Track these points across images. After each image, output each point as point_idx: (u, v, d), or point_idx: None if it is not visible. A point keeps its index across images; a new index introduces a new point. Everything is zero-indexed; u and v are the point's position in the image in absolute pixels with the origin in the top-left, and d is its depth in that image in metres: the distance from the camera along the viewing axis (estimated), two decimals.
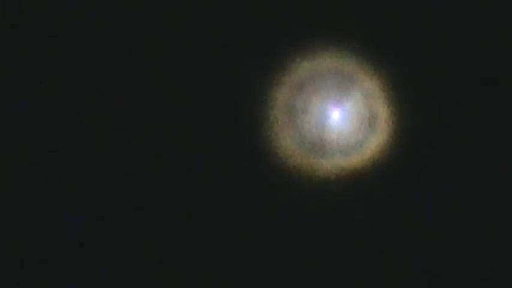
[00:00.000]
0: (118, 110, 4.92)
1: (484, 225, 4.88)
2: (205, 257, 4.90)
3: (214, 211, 4.91)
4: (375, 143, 4.87)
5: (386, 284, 4.85)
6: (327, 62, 4.85)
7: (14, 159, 4.88)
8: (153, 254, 4.90)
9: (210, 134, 4.90)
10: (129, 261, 4.89)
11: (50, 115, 4.92)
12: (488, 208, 4.88)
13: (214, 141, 4.90)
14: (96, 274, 4.86)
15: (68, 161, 4.90)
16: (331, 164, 4.88)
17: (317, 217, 4.89)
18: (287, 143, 4.86)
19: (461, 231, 4.88)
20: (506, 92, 4.88)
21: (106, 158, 4.92)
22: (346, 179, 4.86)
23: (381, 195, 4.87)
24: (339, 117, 4.82)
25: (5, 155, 4.88)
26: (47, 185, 4.88)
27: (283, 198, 4.88)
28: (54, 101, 4.93)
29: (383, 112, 4.88)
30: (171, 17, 4.94)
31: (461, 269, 4.86)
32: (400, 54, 4.83)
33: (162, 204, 4.92)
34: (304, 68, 4.87)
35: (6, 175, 4.87)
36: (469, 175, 4.88)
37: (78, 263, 4.86)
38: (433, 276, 4.86)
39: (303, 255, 4.90)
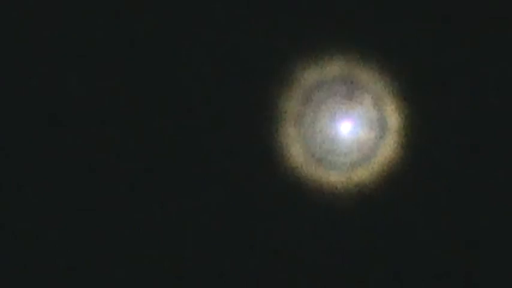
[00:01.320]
0: (124, 113, 4.92)
1: (497, 231, 4.87)
2: (208, 262, 4.91)
3: (221, 220, 4.91)
4: (384, 152, 4.85)
5: None
6: (335, 70, 4.84)
7: (13, 159, 4.89)
8: (155, 255, 4.91)
9: (218, 143, 4.90)
10: (130, 262, 4.89)
11: (50, 115, 4.92)
12: (503, 215, 4.87)
13: (222, 150, 4.91)
14: (97, 274, 4.87)
15: (75, 161, 4.91)
16: (340, 174, 4.87)
17: (326, 227, 4.88)
18: (296, 152, 4.86)
19: (474, 237, 4.86)
20: None
21: (111, 160, 4.92)
22: (355, 189, 4.85)
23: (390, 204, 4.86)
24: (348, 126, 4.79)
25: (5, 155, 4.88)
26: (46, 185, 4.89)
27: (292, 208, 4.88)
28: (55, 101, 4.93)
29: (393, 120, 4.87)
30: (180, 25, 4.94)
31: (476, 276, 4.85)
32: (411, 61, 4.81)
33: (167, 209, 4.92)
34: (313, 76, 4.86)
35: (6, 175, 4.87)
36: (482, 183, 4.86)
37: (78, 263, 4.86)
38: (447, 283, 4.85)
39: (310, 264, 4.90)
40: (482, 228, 4.88)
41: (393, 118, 4.88)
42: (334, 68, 4.84)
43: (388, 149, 4.87)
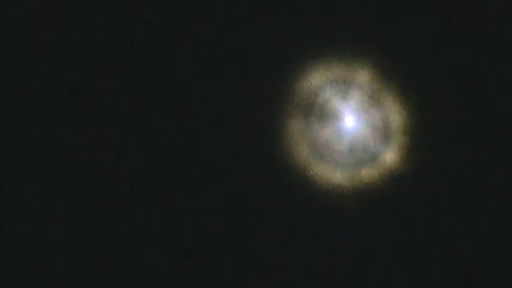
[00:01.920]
0: (124, 113, 4.93)
1: (498, 231, 4.85)
2: (208, 262, 4.91)
3: (229, 218, 4.91)
4: (390, 152, 4.84)
5: None
6: (339, 71, 4.84)
7: (13, 159, 4.89)
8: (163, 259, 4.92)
9: (219, 144, 4.90)
10: (130, 262, 4.89)
11: (50, 115, 4.93)
12: (503, 215, 4.85)
13: (223, 150, 4.90)
14: (97, 274, 4.87)
15: (82, 161, 4.91)
16: (345, 173, 4.87)
17: (328, 225, 4.88)
18: (302, 153, 4.86)
19: (477, 239, 4.85)
20: None
21: (111, 160, 4.92)
22: (360, 188, 4.84)
23: (393, 203, 4.85)
24: (354, 125, 4.77)
25: (5, 155, 4.89)
26: (46, 185, 4.89)
27: (297, 207, 4.88)
28: (55, 101, 4.94)
29: (398, 120, 4.85)
30: (183, 25, 4.95)
31: (479, 278, 4.84)
32: (417, 62, 4.81)
33: (175, 211, 4.93)
34: (319, 77, 4.86)
35: (6, 175, 4.88)
36: (487, 183, 4.85)
37: (78, 263, 4.86)
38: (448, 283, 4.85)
39: (311, 264, 4.89)
40: (484, 228, 4.87)
41: (397, 118, 4.87)
42: (337, 69, 4.84)
43: (392, 149, 4.86)
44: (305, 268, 4.90)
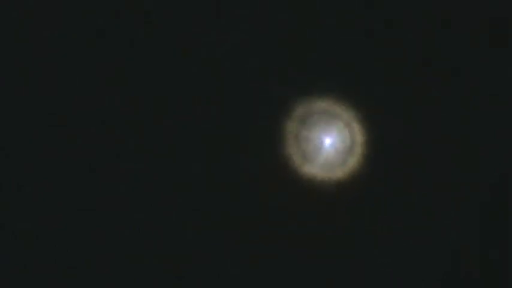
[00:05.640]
0: (124, 113, 4.93)
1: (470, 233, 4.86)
2: (208, 262, 4.91)
3: (221, 220, 4.92)
4: (354, 161, 4.99)
5: None
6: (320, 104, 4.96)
7: (13, 159, 4.89)
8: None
9: (223, 142, 4.91)
10: (130, 262, 4.89)
11: (50, 115, 4.93)
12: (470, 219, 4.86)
13: (228, 149, 4.91)
14: (97, 274, 4.87)
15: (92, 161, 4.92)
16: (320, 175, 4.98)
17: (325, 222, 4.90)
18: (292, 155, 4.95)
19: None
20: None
21: (111, 160, 4.92)
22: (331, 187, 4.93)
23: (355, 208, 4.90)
24: (328, 142, 5.13)
25: (5, 155, 4.88)
26: (46, 185, 4.89)
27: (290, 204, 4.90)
28: (55, 101, 4.94)
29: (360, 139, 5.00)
30: (183, 25, 4.95)
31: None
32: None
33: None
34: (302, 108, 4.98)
35: (6, 175, 4.87)
36: (449, 193, 4.86)
37: (78, 263, 4.86)
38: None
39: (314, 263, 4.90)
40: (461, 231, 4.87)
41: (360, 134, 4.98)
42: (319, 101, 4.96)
43: (357, 158, 4.96)
44: (303, 267, 4.90)
